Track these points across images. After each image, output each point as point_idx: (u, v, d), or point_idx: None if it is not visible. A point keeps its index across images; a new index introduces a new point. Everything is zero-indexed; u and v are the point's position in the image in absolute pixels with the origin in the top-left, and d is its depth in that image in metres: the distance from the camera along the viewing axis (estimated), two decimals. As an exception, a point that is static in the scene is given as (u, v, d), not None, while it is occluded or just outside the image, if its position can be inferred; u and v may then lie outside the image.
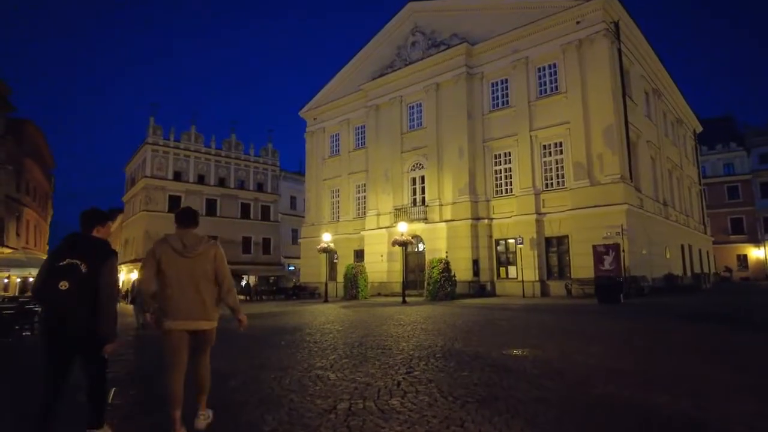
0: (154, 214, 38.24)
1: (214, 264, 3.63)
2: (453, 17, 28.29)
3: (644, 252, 23.21)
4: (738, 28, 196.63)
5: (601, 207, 21.45)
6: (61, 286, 3.21)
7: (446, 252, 24.61)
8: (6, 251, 27.70)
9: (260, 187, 46.68)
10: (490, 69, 26.55)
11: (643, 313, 13.59)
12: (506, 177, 25.64)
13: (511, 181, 25.41)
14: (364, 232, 30.35)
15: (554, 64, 24.34)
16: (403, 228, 22.48)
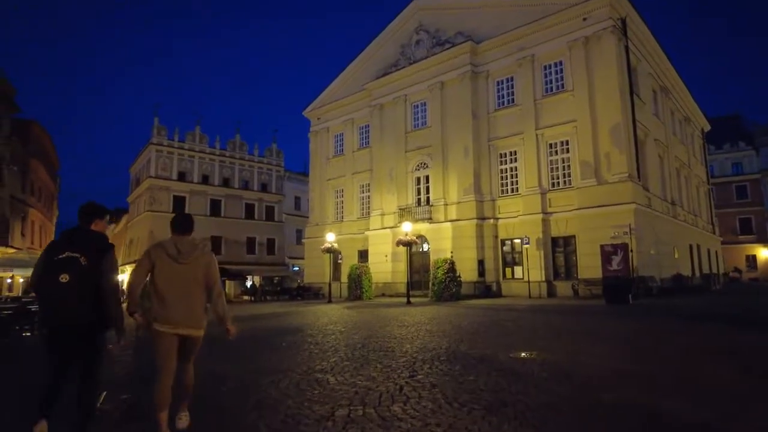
0: (159, 215, 38.15)
1: (206, 271, 3.63)
2: (458, 15, 28.04)
3: (652, 252, 22.85)
4: (746, 25, 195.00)
5: (609, 206, 21.12)
6: (62, 278, 3.24)
7: (451, 252, 24.33)
8: (10, 251, 27.71)
9: (264, 188, 46.56)
10: (496, 67, 26.27)
11: (653, 314, 13.29)
12: (512, 176, 25.35)
13: (516, 181, 25.11)
14: (369, 232, 30.14)
15: (560, 62, 24.04)
16: (408, 228, 22.25)
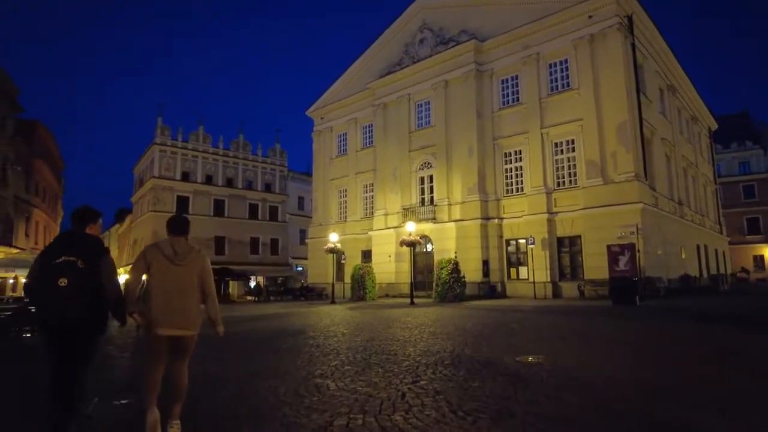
0: (162, 215, 38.04)
1: (201, 274, 3.68)
2: (462, 13, 27.79)
3: (659, 252, 22.53)
4: (754, 23, 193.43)
5: (615, 206, 20.85)
6: (61, 282, 3.26)
7: (455, 252, 24.09)
8: (14, 251, 27.68)
9: (268, 188, 46.44)
10: (500, 65, 26.02)
11: (661, 315, 13.03)
12: (517, 176, 25.10)
13: (521, 180, 24.85)
14: (372, 233, 29.95)
15: (566, 60, 23.76)
16: (412, 228, 22.04)
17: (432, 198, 27.55)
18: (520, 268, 24.32)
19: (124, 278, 4.22)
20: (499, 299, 22.17)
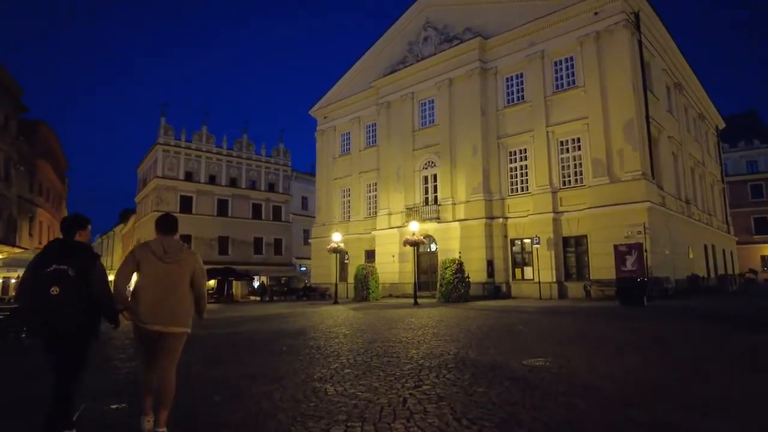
0: (165, 215, 38.03)
1: (193, 273, 3.69)
2: (466, 11, 27.53)
3: (667, 252, 22.19)
4: (762, 21, 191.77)
5: (622, 205, 20.54)
6: (53, 291, 3.30)
7: (459, 252, 23.83)
8: (17, 251, 27.65)
9: (272, 188, 46.33)
10: (505, 63, 25.75)
11: (671, 316, 12.75)
12: (522, 174, 24.81)
13: (526, 179, 24.57)
14: (375, 232, 29.74)
15: (571, 57, 23.47)
16: (415, 227, 21.81)
17: (436, 197, 27.30)
18: (525, 268, 24.03)
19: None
20: (504, 300, 21.90)
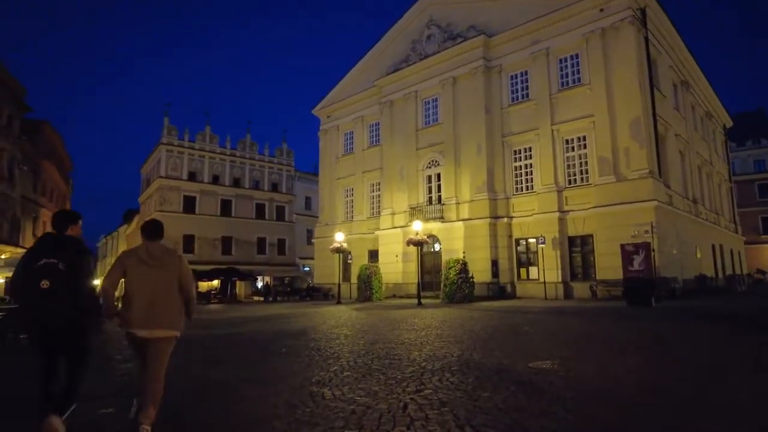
0: (169, 215, 37.97)
1: (180, 277, 3.71)
2: (469, 9, 27.28)
3: (674, 252, 21.88)
4: None
5: (628, 204, 20.24)
6: (43, 285, 3.34)
7: (463, 252, 23.58)
8: (20, 251, 27.63)
9: (275, 188, 46.23)
10: (509, 61, 25.48)
11: (680, 317, 12.46)
12: (527, 173, 24.53)
13: (531, 178, 24.29)
14: (379, 232, 29.52)
15: (576, 55, 23.17)
16: (419, 227, 21.59)
17: (440, 197, 27.06)
18: (530, 268, 23.76)
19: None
20: (509, 300, 21.63)
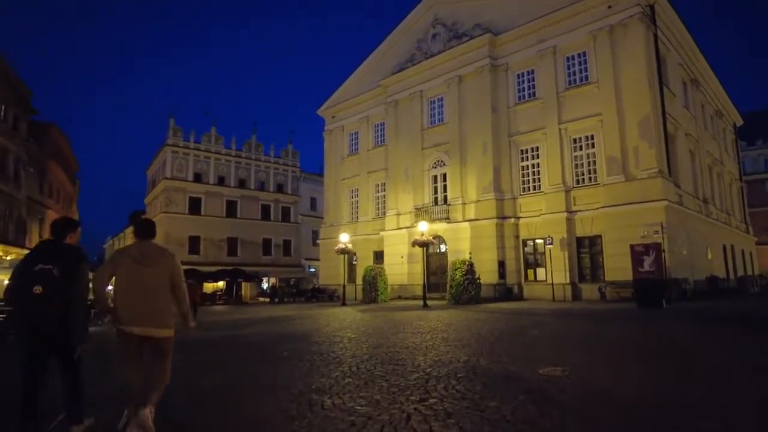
0: (174, 216, 38.02)
1: (171, 276, 3.72)
2: (475, 7, 26.99)
3: (685, 252, 21.47)
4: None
5: (638, 204, 19.87)
6: (36, 290, 3.37)
7: (470, 253, 23.28)
8: (25, 252, 27.67)
9: (280, 189, 46.14)
10: (516, 60, 25.17)
11: (693, 319, 12.13)
12: (534, 173, 24.21)
13: (539, 178, 23.95)
14: (384, 233, 29.29)
15: (584, 53, 22.83)
16: (424, 228, 21.32)
17: (445, 197, 26.78)
18: (537, 269, 23.42)
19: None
20: (516, 302, 21.33)
